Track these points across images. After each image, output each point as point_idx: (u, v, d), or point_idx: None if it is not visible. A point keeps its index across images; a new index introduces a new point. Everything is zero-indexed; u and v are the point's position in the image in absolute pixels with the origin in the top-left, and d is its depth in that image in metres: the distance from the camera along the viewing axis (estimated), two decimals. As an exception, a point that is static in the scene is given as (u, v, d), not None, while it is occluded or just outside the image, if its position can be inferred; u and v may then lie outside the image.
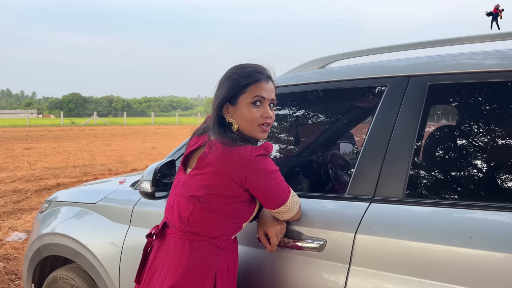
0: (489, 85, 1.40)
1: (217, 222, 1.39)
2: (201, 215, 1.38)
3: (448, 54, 1.54)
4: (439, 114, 1.92)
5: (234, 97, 1.41)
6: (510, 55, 1.38)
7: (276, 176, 1.38)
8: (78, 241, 2.16)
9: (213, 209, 1.37)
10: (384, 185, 1.39)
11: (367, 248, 1.32)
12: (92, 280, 2.18)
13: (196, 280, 1.38)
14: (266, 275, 1.51)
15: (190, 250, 1.40)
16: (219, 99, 1.42)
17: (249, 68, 1.43)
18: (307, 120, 2.03)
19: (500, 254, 1.13)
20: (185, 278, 1.38)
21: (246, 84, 1.39)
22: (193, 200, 1.38)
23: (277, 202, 1.39)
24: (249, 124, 1.41)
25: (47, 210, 2.54)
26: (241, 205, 1.40)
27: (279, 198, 1.39)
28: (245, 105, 1.40)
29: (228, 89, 1.40)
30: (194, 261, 1.39)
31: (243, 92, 1.40)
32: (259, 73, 1.42)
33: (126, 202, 2.11)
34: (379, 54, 1.77)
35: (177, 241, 1.42)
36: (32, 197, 7.00)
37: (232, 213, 1.39)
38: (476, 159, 1.45)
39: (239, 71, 1.42)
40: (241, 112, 1.41)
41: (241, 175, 1.32)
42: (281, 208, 1.40)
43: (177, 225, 1.43)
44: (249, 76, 1.40)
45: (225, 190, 1.35)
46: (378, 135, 1.47)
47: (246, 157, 1.31)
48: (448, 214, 1.27)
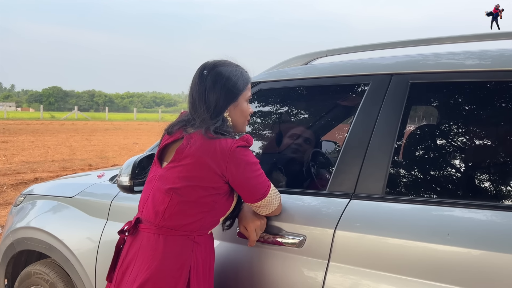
0: (469, 85, 1.42)
1: (194, 215, 1.37)
2: (177, 208, 1.36)
3: (430, 53, 1.56)
4: (420, 112, 1.94)
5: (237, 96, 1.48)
6: (490, 55, 1.40)
7: (256, 168, 1.39)
8: (53, 236, 2.11)
9: (191, 201, 1.35)
10: (364, 182, 1.40)
11: (346, 244, 1.32)
12: (67, 276, 2.14)
13: (169, 276, 1.35)
14: (245, 271, 1.50)
15: (164, 245, 1.37)
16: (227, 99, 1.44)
17: (240, 69, 1.51)
18: (289, 116, 2.02)
19: (476, 251, 1.14)
20: (158, 273, 1.35)
21: (246, 83, 1.51)
22: (171, 193, 1.36)
23: (257, 195, 1.39)
24: (245, 119, 1.52)
25: (22, 204, 2.48)
26: (220, 198, 1.39)
27: (259, 191, 1.39)
28: (243, 102, 1.50)
29: (235, 91, 1.46)
30: (168, 256, 1.36)
31: (244, 90, 1.49)
32: (247, 72, 1.53)
33: (104, 196, 2.07)
34: (362, 52, 1.78)
35: (150, 236, 1.39)
36: (8, 191, 6.83)
37: (211, 205, 1.38)
38: (455, 158, 1.47)
39: (235, 72, 1.48)
40: (241, 108, 1.49)
41: (222, 165, 1.33)
42: (261, 202, 1.41)
43: (152, 220, 1.40)
44: (245, 75, 1.51)
45: (205, 182, 1.34)
46: (359, 132, 1.47)
47: (227, 148, 1.33)
48: (426, 212, 1.28)
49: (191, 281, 1.37)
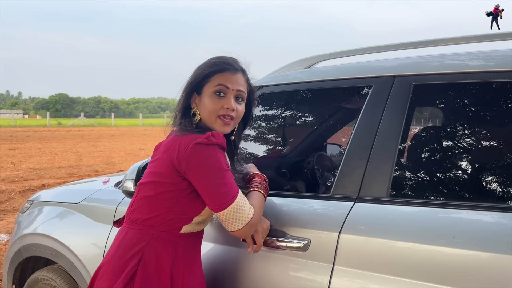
0: (473, 86, 1.41)
1: (154, 210, 1.35)
2: (140, 203, 1.38)
3: (434, 54, 1.55)
4: (423, 114, 1.93)
5: (199, 86, 1.39)
6: (494, 56, 1.39)
7: (217, 170, 1.28)
8: (60, 242, 2.12)
9: (150, 196, 1.35)
10: (368, 185, 1.39)
11: (350, 248, 1.31)
12: (73, 282, 2.14)
13: (117, 265, 1.34)
14: (248, 275, 1.49)
15: (124, 236, 1.39)
16: (185, 87, 1.41)
17: (218, 59, 1.42)
18: (293, 119, 2.02)
19: (484, 254, 1.13)
20: (109, 261, 1.38)
21: (211, 72, 1.37)
22: (138, 188, 1.41)
23: (214, 203, 1.29)
24: (209, 115, 1.37)
25: (29, 210, 2.49)
26: (182, 196, 1.34)
27: (217, 198, 1.28)
28: (208, 94, 1.37)
29: (193, 77, 1.40)
30: (121, 247, 1.37)
31: (207, 81, 1.38)
32: (227, 63, 1.39)
33: (110, 202, 2.08)
34: (365, 54, 1.78)
35: (121, 229, 1.44)
36: (15, 198, 6.88)
37: (171, 202, 1.34)
38: (460, 160, 1.46)
39: (208, 61, 1.42)
40: (203, 101, 1.38)
41: (181, 163, 1.29)
42: (222, 213, 1.29)
43: (126, 213, 1.45)
44: (215, 65, 1.38)
45: (164, 177, 1.33)
46: (363, 135, 1.46)
47: (185, 144, 1.28)
48: (432, 214, 1.27)
49: (137, 274, 1.32)
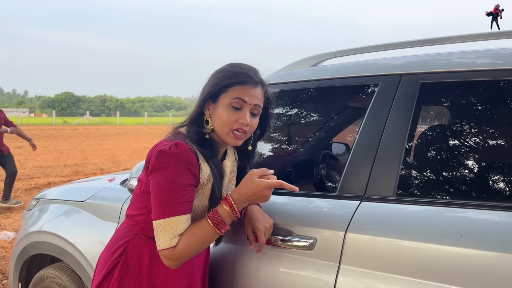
0: (480, 84, 1.40)
1: (141, 208, 1.40)
2: (132, 198, 1.46)
3: (440, 52, 1.53)
4: (430, 112, 1.92)
5: (216, 95, 1.35)
6: (502, 54, 1.38)
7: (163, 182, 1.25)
8: (65, 239, 2.13)
9: (138, 194, 1.42)
10: (375, 184, 1.38)
11: (357, 247, 1.31)
12: (79, 279, 2.15)
13: (106, 255, 1.43)
14: (253, 274, 1.48)
15: (117, 229, 1.48)
16: (202, 95, 1.39)
17: (239, 69, 1.36)
18: (299, 118, 2.01)
19: (491, 253, 1.12)
20: (102, 252, 1.48)
21: (230, 83, 1.33)
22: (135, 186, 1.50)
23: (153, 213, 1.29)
24: (222, 126, 1.34)
25: (35, 208, 2.51)
26: None
27: (153, 207, 1.29)
28: (224, 105, 1.33)
29: (212, 86, 1.36)
30: (112, 239, 1.46)
31: (225, 91, 1.33)
32: (247, 76, 1.34)
33: (115, 200, 2.08)
34: (371, 52, 1.76)
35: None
36: (22, 196, 6.93)
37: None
38: (467, 158, 1.44)
39: (228, 69, 1.37)
40: (218, 111, 1.34)
41: (147, 163, 1.34)
42: (154, 223, 1.28)
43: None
44: (235, 76, 1.33)
45: (145, 177, 1.37)
46: (369, 133, 1.45)
47: (155, 148, 1.32)
48: (439, 213, 1.26)
49: (118, 265, 1.38)
